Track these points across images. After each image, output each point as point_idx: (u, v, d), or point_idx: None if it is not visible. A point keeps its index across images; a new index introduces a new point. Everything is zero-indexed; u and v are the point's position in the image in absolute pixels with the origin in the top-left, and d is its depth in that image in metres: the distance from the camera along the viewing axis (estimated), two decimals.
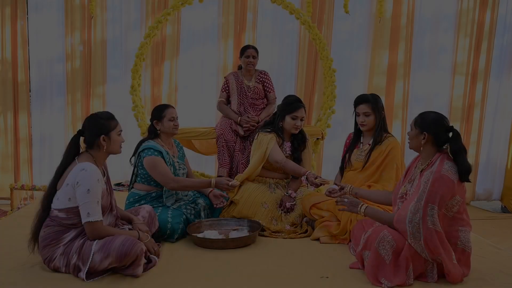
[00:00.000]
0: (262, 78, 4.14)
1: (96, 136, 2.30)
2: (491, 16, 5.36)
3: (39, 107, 5.36)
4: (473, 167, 5.39)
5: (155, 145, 2.98)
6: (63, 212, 2.22)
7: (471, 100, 5.49)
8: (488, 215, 5.14)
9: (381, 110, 3.08)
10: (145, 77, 5.18)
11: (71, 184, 2.18)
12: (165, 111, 3.09)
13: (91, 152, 2.33)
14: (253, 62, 4.03)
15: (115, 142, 2.36)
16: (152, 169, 2.92)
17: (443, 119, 2.28)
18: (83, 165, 2.20)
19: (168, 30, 5.29)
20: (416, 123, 2.32)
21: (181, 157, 3.24)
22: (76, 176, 2.18)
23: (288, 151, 3.33)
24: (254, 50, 4.04)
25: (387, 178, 3.00)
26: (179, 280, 2.23)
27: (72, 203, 2.20)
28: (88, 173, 2.17)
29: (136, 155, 3.03)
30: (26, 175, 5.36)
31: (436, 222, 2.12)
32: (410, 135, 2.37)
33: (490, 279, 2.27)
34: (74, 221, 2.23)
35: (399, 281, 2.13)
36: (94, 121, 2.33)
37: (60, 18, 5.27)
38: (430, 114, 2.31)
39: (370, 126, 3.09)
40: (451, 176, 2.14)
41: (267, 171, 3.38)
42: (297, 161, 3.31)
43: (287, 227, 3.05)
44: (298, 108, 3.24)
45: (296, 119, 3.24)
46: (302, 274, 2.33)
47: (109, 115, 2.38)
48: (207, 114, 5.42)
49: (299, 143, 3.35)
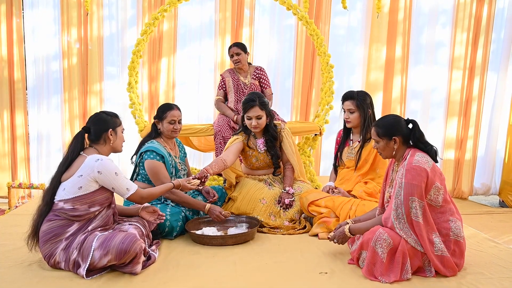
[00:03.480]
0: (258, 74, 4.14)
1: (104, 130, 2.38)
2: (488, 10, 5.35)
3: (36, 105, 5.34)
4: (471, 161, 5.49)
5: (157, 148, 2.93)
6: (69, 203, 2.23)
7: (469, 94, 5.49)
8: (486, 210, 5.15)
9: (368, 108, 3.09)
10: (142, 74, 5.17)
11: (87, 175, 2.23)
12: (166, 112, 3.02)
13: (96, 146, 2.39)
14: (239, 59, 4.00)
15: (120, 138, 2.46)
16: (152, 174, 2.89)
17: (399, 117, 2.36)
18: (96, 156, 2.28)
19: (165, 26, 5.27)
20: (380, 134, 2.35)
21: (182, 157, 3.22)
22: (93, 167, 2.23)
23: (262, 147, 3.30)
24: (237, 47, 4.01)
25: (382, 174, 3.01)
26: (177, 277, 2.23)
27: (83, 191, 2.24)
28: (105, 160, 2.27)
29: (138, 154, 2.99)
30: (23, 173, 5.34)
31: (419, 214, 2.16)
32: (380, 147, 2.38)
33: (488, 272, 2.28)
34: (79, 212, 2.24)
35: (395, 277, 2.15)
36: (102, 117, 2.43)
37: (56, 15, 5.25)
38: (386, 120, 2.37)
39: (355, 123, 3.12)
40: (422, 165, 2.19)
41: (252, 171, 3.40)
42: (274, 157, 3.30)
43: (286, 223, 3.05)
44: (249, 108, 3.16)
45: (251, 119, 3.19)
46: (300, 270, 2.33)
47: (115, 114, 2.49)
48: (204, 111, 5.42)
49: (271, 139, 3.30)
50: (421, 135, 2.31)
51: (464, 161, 5.54)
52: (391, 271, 2.16)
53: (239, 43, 4.11)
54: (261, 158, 3.32)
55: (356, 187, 3.06)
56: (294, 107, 5.53)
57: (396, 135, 2.31)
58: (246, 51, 4.08)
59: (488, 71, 5.48)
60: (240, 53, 4.01)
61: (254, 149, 3.31)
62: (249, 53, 4.17)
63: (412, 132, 2.32)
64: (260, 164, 3.35)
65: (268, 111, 3.23)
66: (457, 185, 5.58)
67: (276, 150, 3.31)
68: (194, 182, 2.72)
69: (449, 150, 5.53)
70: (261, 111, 3.17)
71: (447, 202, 2.27)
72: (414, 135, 2.31)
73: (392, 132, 2.32)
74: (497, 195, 5.72)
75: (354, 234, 2.41)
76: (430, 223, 2.19)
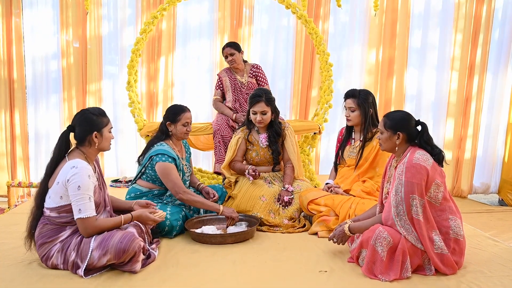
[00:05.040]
0: (254, 72, 4.13)
1: (88, 132, 2.27)
2: (487, 9, 5.34)
3: (35, 104, 5.33)
4: (470, 160, 5.48)
5: (168, 150, 2.92)
6: (55, 212, 2.21)
7: (468, 93, 5.48)
8: (485, 208, 5.16)
9: (369, 107, 3.09)
10: (140, 73, 5.16)
11: (62, 182, 2.16)
12: (181, 114, 3.02)
13: (82, 148, 2.29)
14: (233, 59, 3.99)
15: (106, 139, 2.33)
16: (164, 176, 2.87)
17: (410, 115, 2.35)
18: (73, 162, 2.18)
19: (164, 25, 5.26)
20: (386, 125, 2.35)
21: (187, 158, 3.22)
22: (66, 174, 2.15)
23: (264, 142, 3.34)
24: (230, 48, 3.99)
25: (381, 173, 2.99)
26: (177, 275, 2.22)
27: (64, 201, 2.18)
28: (79, 170, 2.14)
29: (147, 157, 2.95)
30: (22, 173, 5.34)
31: (419, 212, 2.17)
32: (382, 138, 2.38)
33: (488, 271, 2.28)
34: (67, 219, 2.21)
35: (395, 275, 2.14)
36: (86, 117, 2.28)
37: (55, 15, 5.24)
38: (396, 114, 2.37)
39: (356, 121, 3.13)
40: (422, 162, 2.20)
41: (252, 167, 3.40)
42: (275, 153, 3.33)
43: (285, 222, 3.05)
44: (255, 103, 3.23)
45: (256, 113, 3.24)
46: (300, 268, 2.33)
47: (100, 111, 2.34)
48: (203, 110, 5.41)
49: (274, 135, 3.33)
50: (429, 139, 2.31)
51: (464, 160, 5.54)
52: (391, 270, 2.16)
53: (232, 43, 4.08)
54: (262, 153, 3.34)
55: (354, 186, 3.06)
56: (294, 106, 5.52)
57: (402, 131, 2.31)
58: (240, 50, 4.06)
59: (487, 71, 5.46)
60: (234, 53, 3.99)
61: (255, 144, 3.34)
62: (243, 51, 4.15)
63: (420, 134, 2.32)
64: (260, 159, 3.36)
65: (273, 107, 3.28)
66: (457, 184, 5.58)
67: (278, 146, 3.34)
68: (160, 214, 2.48)
69: (448, 149, 5.53)
70: (266, 107, 3.22)
71: (447, 200, 2.27)
72: (422, 138, 2.31)
73: (398, 127, 2.31)
74: (496, 194, 5.72)
75: (354, 232, 2.41)
76: (430, 221, 2.20)
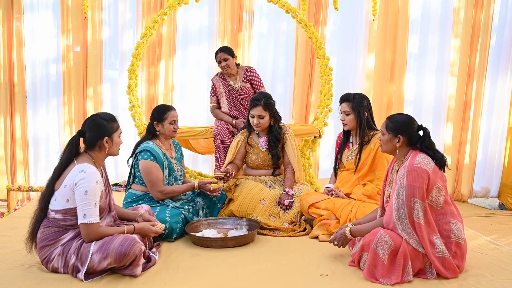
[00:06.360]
0: (248, 77, 4.06)
1: (99, 138, 2.28)
2: (485, 15, 5.35)
3: (35, 108, 5.33)
4: (470, 164, 5.48)
5: (152, 147, 2.95)
6: (60, 214, 2.21)
7: (467, 98, 5.49)
8: (485, 212, 5.15)
9: (364, 111, 3.10)
10: (141, 77, 5.17)
11: (69, 186, 2.17)
12: (167, 113, 3.04)
13: (91, 153, 2.30)
14: (227, 65, 3.93)
15: (116, 144, 2.35)
16: (145, 174, 2.91)
17: (413, 120, 2.36)
18: (82, 167, 2.19)
19: (164, 29, 5.27)
20: (388, 127, 2.36)
21: (179, 158, 3.23)
22: (74, 178, 2.16)
23: (264, 146, 3.34)
24: (224, 53, 3.93)
25: (381, 176, 3.01)
26: (178, 279, 2.22)
27: (70, 204, 2.19)
28: (87, 175, 2.15)
29: (134, 156, 3.00)
30: (22, 176, 5.33)
31: (420, 215, 2.17)
32: (383, 140, 2.39)
33: (489, 274, 2.28)
34: (71, 222, 2.22)
35: (396, 279, 2.14)
36: (97, 123, 2.30)
37: (55, 19, 5.25)
38: (399, 117, 2.39)
39: (351, 125, 3.14)
40: (423, 166, 2.21)
41: (252, 170, 3.42)
42: (275, 157, 3.33)
43: (285, 225, 3.05)
44: (253, 106, 3.25)
45: (253, 117, 3.26)
46: (301, 272, 2.33)
47: (111, 117, 2.36)
48: (203, 114, 5.41)
49: (273, 139, 3.33)
50: (431, 144, 2.32)
51: (464, 164, 5.54)
52: (392, 273, 2.16)
53: (225, 48, 4.01)
54: (262, 156, 3.35)
55: (355, 190, 3.06)
56: (294, 110, 5.53)
57: (403, 134, 2.32)
58: (234, 55, 3.99)
59: (486, 75, 5.46)
60: (228, 58, 3.93)
61: (255, 147, 3.35)
62: (236, 56, 4.08)
63: (421, 139, 2.33)
64: (260, 162, 3.36)
65: (272, 112, 3.28)
66: (457, 188, 5.58)
67: (277, 151, 3.34)
68: (160, 226, 2.53)
69: (448, 154, 5.53)
70: (264, 111, 3.23)
71: (448, 204, 2.27)
72: (424, 143, 2.31)
73: (400, 131, 2.32)
74: (496, 198, 5.72)
75: (355, 236, 2.40)
76: (431, 225, 2.19)
